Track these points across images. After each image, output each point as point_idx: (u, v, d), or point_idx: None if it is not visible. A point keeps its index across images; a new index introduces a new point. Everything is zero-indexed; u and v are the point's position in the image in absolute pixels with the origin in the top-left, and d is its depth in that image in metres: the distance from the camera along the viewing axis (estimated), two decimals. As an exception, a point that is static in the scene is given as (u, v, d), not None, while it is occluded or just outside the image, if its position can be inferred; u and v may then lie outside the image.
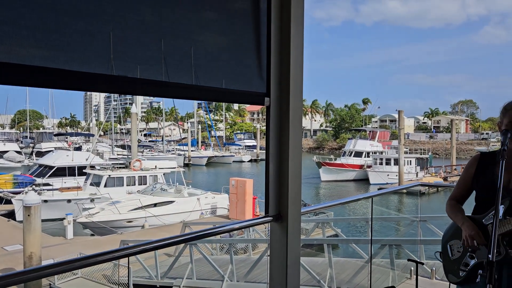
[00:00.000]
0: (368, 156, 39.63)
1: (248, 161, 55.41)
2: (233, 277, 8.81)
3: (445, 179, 32.79)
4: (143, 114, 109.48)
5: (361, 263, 6.48)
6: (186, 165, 48.10)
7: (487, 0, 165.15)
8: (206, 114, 74.99)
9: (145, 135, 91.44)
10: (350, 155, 40.85)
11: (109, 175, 22.39)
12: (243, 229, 13.09)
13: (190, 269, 9.62)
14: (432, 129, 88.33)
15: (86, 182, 22.70)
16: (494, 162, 2.15)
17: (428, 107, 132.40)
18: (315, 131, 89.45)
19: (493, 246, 1.65)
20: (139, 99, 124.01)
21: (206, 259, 9.36)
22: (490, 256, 1.61)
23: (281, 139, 2.03)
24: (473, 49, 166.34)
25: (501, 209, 2.02)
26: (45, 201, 18.69)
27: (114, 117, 64.69)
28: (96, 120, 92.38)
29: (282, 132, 2.02)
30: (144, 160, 29.76)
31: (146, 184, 22.79)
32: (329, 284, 6.72)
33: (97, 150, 37.45)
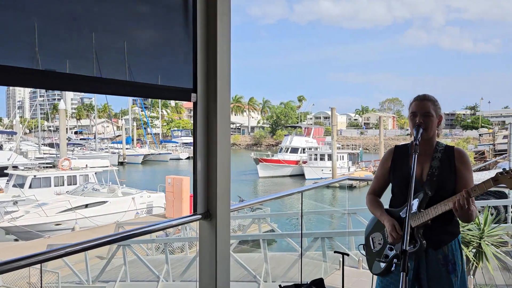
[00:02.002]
0: (304, 152, 40.75)
1: (186, 159, 54.64)
2: (168, 277, 8.65)
3: (374, 172, 34.57)
4: (74, 111, 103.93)
5: (295, 257, 6.64)
6: (120, 164, 46.46)
7: (410, 4, 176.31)
8: (141, 111, 72.85)
9: (76, 132, 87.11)
10: (286, 151, 41.75)
11: (35, 176, 20.99)
12: (179, 228, 12.91)
13: (124, 271, 9.29)
14: (363, 126, 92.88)
15: (8, 183, 21.11)
16: (407, 155, 2.28)
17: (360, 104, 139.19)
18: (252, 128, 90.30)
19: (406, 236, 1.76)
20: (69, 94, 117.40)
21: (140, 260, 9.10)
22: (404, 245, 1.71)
23: (209, 136, 2.02)
24: (398, 50, 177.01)
25: (416, 202, 2.15)
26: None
27: (41, 113, 60.88)
28: (20, 117, 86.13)
29: (209, 128, 2.01)
30: (74, 159, 28.35)
31: (76, 184, 21.68)
32: (264, 279, 6.82)
33: (21, 149, 34.92)
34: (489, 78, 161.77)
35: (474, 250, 5.08)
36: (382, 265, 2.25)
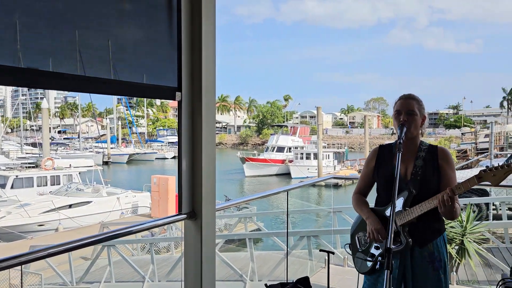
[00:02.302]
0: (290, 151, 40.89)
1: (172, 158, 54.30)
2: (154, 277, 8.59)
3: (359, 171, 34.91)
4: (57, 110, 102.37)
5: (281, 256, 6.66)
6: (105, 163, 45.96)
7: (394, 4, 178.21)
8: (126, 110, 72.16)
9: (59, 132, 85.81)
10: (272, 150, 41.84)
11: (17, 176, 20.64)
12: (165, 228, 12.83)
13: (109, 271, 9.20)
14: (348, 125, 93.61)
15: (-12, 184, 20.72)
16: (392, 154, 2.31)
17: (345, 103, 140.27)
18: (238, 127, 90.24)
19: (390, 234, 1.77)
20: (52, 93, 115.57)
21: (125, 260, 9.01)
22: (388, 243, 1.72)
23: (194, 135, 2.00)
24: (383, 50, 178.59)
25: (401, 200, 2.17)
26: None
27: (23, 112, 59.80)
28: (2, 116, 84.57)
29: (194, 127, 1.99)
30: (58, 158, 27.94)
31: (59, 184, 21.37)
32: (251, 278, 6.82)
33: (2, 148, 34.28)
34: (471, 78, 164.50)
35: (456, 247, 5.17)
36: (369, 264, 2.27)
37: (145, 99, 75.31)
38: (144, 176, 33.70)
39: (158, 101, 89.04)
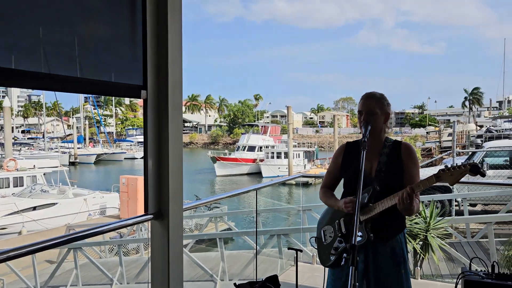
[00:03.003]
0: (261, 150, 41.03)
1: (141, 158, 53.34)
2: (122, 279, 8.43)
3: (329, 170, 35.38)
4: (20, 109, 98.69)
5: (252, 255, 6.66)
6: (72, 164, 44.84)
7: (361, 6, 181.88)
8: (94, 109, 70.44)
9: (23, 131, 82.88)
10: (243, 150, 41.86)
11: (-24, 177, 19.80)
12: (134, 229, 12.62)
13: (75, 275, 8.96)
14: (318, 124, 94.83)
15: None
16: (358, 151, 2.36)
17: (316, 103, 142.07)
18: (209, 127, 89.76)
19: (355, 231, 1.81)
20: (15, 91, 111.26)
21: (92, 263, 8.80)
22: (353, 240, 1.76)
23: (160, 134, 1.98)
24: (351, 50, 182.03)
25: (365, 196, 2.22)
26: None
27: (-17, 111, 57.36)
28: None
29: (161, 126, 1.97)
30: (21, 159, 27.00)
31: (23, 185, 20.61)
32: (221, 278, 6.80)
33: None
34: (435, 79, 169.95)
35: (421, 243, 5.32)
36: (332, 257, 2.31)
37: (113, 97, 73.83)
38: (113, 176, 33.06)
39: (127, 100, 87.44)
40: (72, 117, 69.30)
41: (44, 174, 22.07)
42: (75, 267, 8.94)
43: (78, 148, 50.80)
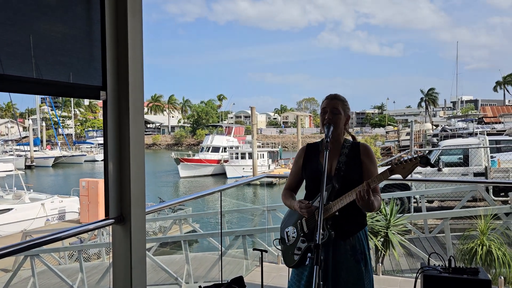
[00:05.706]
0: (225, 151, 40.92)
1: (102, 160, 51.93)
2: (83, 286, 8.17)
3: (293, 170, 35.76)
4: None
5: (217, 256, 6.63)
6: (28, 167, 43.03)
7: (323, 8, 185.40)
8: (51, 110, 67.88)
9: (-27, 134, 78.68)
10: (208, 151, 41.61)
11: None
12: (95, 233, 12.25)
13: (33, 283, 8.60)
14: (282, 124, 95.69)
15: None
16: (318, 152, 2.41)
17: (279, 103, 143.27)
18: (173, 128, 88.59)
19: (319, 230, 1.83)
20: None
21: (51, 270, 8.47)
22: (316, 239, 1.78)
23: (121, 136, 1.92)
24: (313, 52, 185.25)
25: (325, 195, 2.25)
26: None
27: None
28: None
29: (121, 128, 1.91)
30: (-28, 163, 25.54)
31: (-26, 191, 19.59)
32: (186, 280, 6.72)
33: None
34: (394, 80, 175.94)
35: (382, 240, 5.47)
36: (296, 257, 2.33)
37: (72, 98, 71.39)
38: (72, 179, 32.02)
39: (86, 101, 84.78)
40: (28, 119, 66.49)
41: (-3, 178, 21.04)
42: (32, 275, 8.58)
43: (35, 151, 48.83)
